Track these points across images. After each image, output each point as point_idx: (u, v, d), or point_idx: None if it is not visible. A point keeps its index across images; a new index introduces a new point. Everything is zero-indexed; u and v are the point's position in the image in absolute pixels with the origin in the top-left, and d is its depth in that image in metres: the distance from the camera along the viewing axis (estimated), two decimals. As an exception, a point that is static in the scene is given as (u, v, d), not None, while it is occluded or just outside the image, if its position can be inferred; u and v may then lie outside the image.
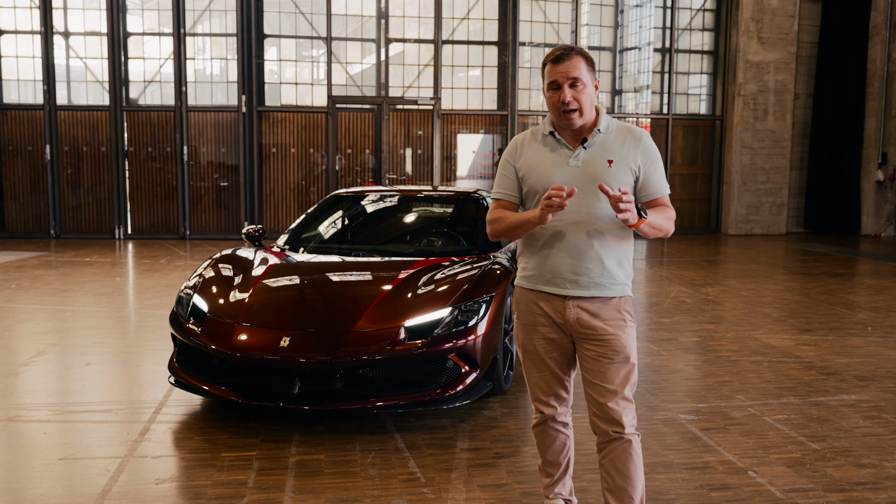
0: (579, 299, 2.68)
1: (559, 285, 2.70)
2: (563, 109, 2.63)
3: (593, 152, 2.68)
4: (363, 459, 3.70)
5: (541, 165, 2.71)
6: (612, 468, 2.71)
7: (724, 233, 14.85)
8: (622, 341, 2.69)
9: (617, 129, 2.72)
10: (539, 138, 2.77)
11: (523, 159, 2.77)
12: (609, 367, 2.68)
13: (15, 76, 13.31)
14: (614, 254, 2.67)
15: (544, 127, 2.77)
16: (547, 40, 14.46)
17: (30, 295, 7.89)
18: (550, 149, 2.72)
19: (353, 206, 6.03)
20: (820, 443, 3.97)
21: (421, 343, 4.01)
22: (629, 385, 2.70)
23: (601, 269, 2.66)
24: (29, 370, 5.20)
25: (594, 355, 2.70)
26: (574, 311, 2.69)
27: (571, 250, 2.66)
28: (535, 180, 2.70)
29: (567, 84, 2.61)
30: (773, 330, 6.56)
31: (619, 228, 2.66)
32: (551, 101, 2.67)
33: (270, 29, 13.63)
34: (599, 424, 2.72)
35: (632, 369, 2.71)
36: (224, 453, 3.77)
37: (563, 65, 2.62)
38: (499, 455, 3.77)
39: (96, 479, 3.46)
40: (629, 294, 2.75)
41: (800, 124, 14.95)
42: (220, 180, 13.50)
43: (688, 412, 4.42)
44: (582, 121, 2.67)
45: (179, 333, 4.33)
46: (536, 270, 2.75)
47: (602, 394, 2.69)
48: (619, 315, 2.70)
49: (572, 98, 2.62)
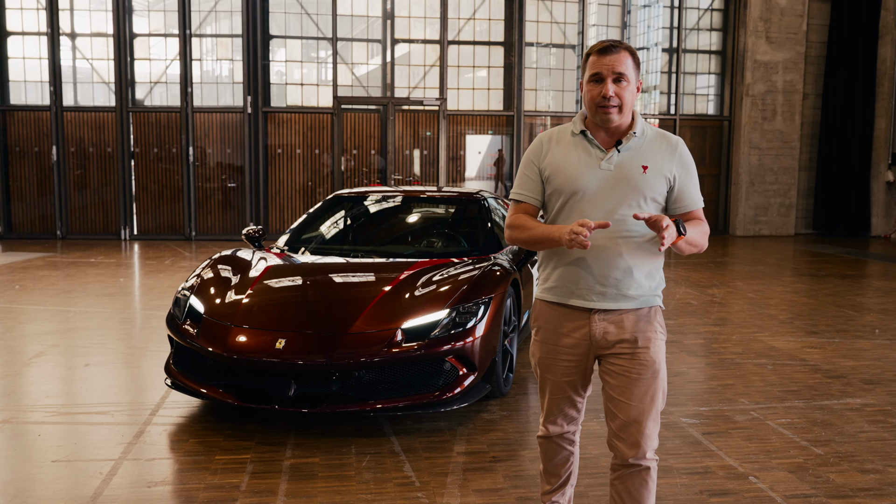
0: (606, 312, 2.52)
1: (585, 297, 2.52)
2: (601, 104, 2.46)
3: (627, 156, 2.51)
4: (358, 463, 3.66)
5: (569, 166, 2.53)
6: (625, 493, 2.57)
7: (731, 234, 14.75)
8: (652, 355, 2.52)
9: (652, 135, 2.57)
10: (568, 137, 2.59)
11: (549, 158, 2.57)
12: (637, 384, 2.51)
13: (22, 77, 13.35)
14: (644, 264, 2.51)
15: (575, 125, 2.58)
16: (553, 41, 14.41)
17: (33, 296, 7.89)
18: (581, 149, 2.54)
19: (354, 206, 5.99)
20: (823, 447, 3.90)
21: (418, 345, 3.96)
22: (657, 404, 2.54)
23: (630, 281, 2.50)
24: (28, 371, 5.18)
25: (620, 370, 2.53)
26: (600, 324, 2.53)
27: (599, 260, 2.49)
28: (562, 182, 2.52)
29: (611, 78, 2.45)
30: (778, 332, 6.48)
31: (650, 237, 2.49)
32: (590, 95, 2.49)
33: (276, 30, 13.63)
34: (619, 446, 2.56)
35: (661, 386, 2.55)
36: (218, 456, 3.73)
37: (610, 57, 2.45)
38: (496, 459, 3.72)
39: (88, 481, 3.43)
40: (660, 305, 2.60)
41: (808, 124, 14.84)
42: (228, 181, 13.50)
43: (689, 416, 4.36)
44: (619, 120, 2.50)
45: (176, 335, 4.30)
46: (560, 282, 2.57)
47: (626, 412, 2.53)
48: (649, 327, 2.54)
49: (615, 94, 2.45)
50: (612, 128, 2.53)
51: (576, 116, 2.63)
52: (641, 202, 2.49)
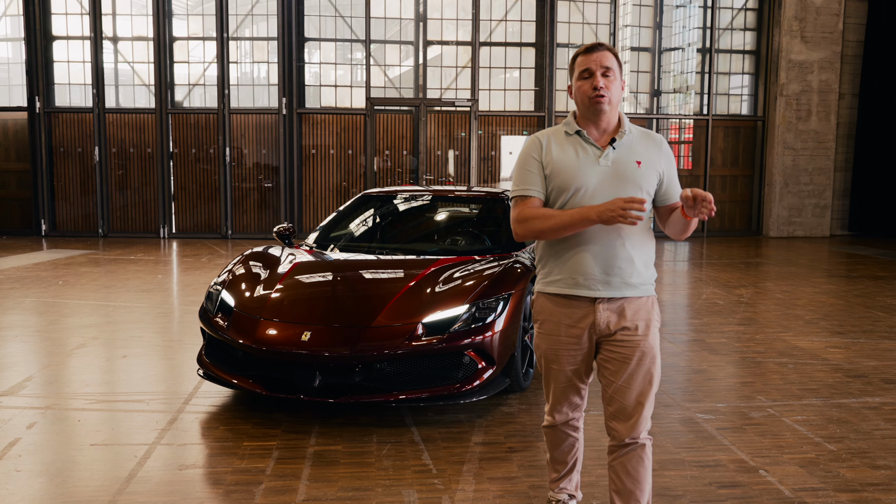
0: (610, 301, 2.66)
1: (590, 287, 2.66)
2: (593, 96, 2.62)
3: (621, 153, 2.68)
4: (379, 451, 3.81)
5: (570, 164, 2.67)
6: (623, 471, 2.72)
7: (765, 235, 14.64)
8: (650, 342, 2.68)
9: (638, 133, 2.75)
10: (562, 136, 2.74)
11: (551, 157, 2.71)
12: (637, 370, 2.67)
13: (66, 80, 13.79)
14: (643, 254, 2.68)
15: (568, 126, 2.73)
16: (585, 41, 14.44)
17: (75, 291, 8.20)
18: (578, 147, 2.69)
19: (381, 205, 6.15)
20: (837, 444, 3.95)
21: (438, 339, 4.10)
22: (654, 387, 2.70)
23: (632, 269, 2.65)
24: (70, 361, 5.43)
25: (620, 357, 2.67)
26: (605, 313, 2.67)
27: (603, 251, 2.63)
28: (564, 179, 2.65)
29: (600, 72, 2.63)
30: (803, 332, 6.49)
31: (645, 228, 2.69)
32: (582, 90, 2.66)
33: (311, 32, 13.88)
34: (616, 428, 2.72)
35: (657, 370, 2.70)
36: (246, 442, 3.91)
37: (597, 54, 2.64)
38: (511, 450, 3.84)
39: (124, 463, 3.63)
40: (654, 294, 2.76)
41: (844, 125, 14.66)
42: (265, 181, 13.79)
43: (706, 412, 4.43)
44: (610, 114, 2.67)
45: (208, 327, 4.50)
46: (564, 274, 2.70)
47: (624, 396, 2.68)
48: (648, 315, 2.69)
49: (605, 85, 2.62)
50: (604, 124, 2.70)
51: (567, 118, 2.79)
52: (639, 195, 2.63)
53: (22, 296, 7.87)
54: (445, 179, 14.06)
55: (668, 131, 15.25)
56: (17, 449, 3.79)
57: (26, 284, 8.54)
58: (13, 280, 8.84)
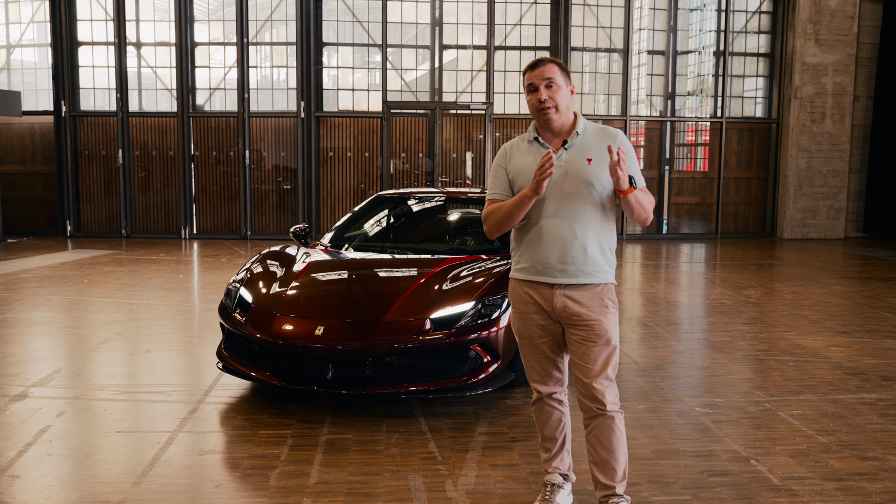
0: (566, 287, 2.95)
1: (548, 274, 2.96)
2: (539, 108, 2.93)
3: (574, 152, 2.95)
4: (388, 439, 4.01)
5: (528, 167, 2.98)
6: (596, 442, 2.98)
7: (779, 237, 14.70)
8: (604, 326, 2.95)
9: (594, 131, 3.01)
10: (524, 144, 3.07)
11: (512, 163, 3.05)
12: (592, 350, 2.95)
13: (91, 84, 14.15)
14: (597, 243, 2.94)
15: (529, 134, 3.06)
16: (599, 45, 14.59)
17: (100, 289, 8.48)
18: (535, 152, 3.00)
19: (393, 206, 6.36)
20: (829, 437, 4.10)
21: (444, 334, 4.30)
22: (611, 366, 2.97)
23: (585, 258, 2.93)
24: (96, 355, 5.68)
25: (579, 339, 2.97)
26: (561, 298, 2.96)
27: (558, 242, 2.93)
28: (524, 182, 2.96)
29: (543, 84, 2.92)
30: (807, 332, 6.62)
31: (601, 220, 2.95)
32: (531, 103, 2.97)
33: (329, 37, 14.14)
34: (585, 402, 3.00)
35: (613, 351, 2.97)
36: (262, 431, 4.13)
37: (539, 70, 2.94)
38: (514, 439, 4.03)
39: (148, 449, 3.86)
40: (612, 281, 3.01)
41: (859, 127, 14.70)
42: (284, 183, 14.06)
43: (703, 406, 4.59)
44: (559, 120, 2.96)
45: (227, 322, 4.72)
46: (528, 262, 3.02)
47: (586, 374, 2.96)
48: (601, 302, 2.96)
49: (548, 97, 2.91)
50: (556, 128, 2.98)
51: (529, 127, 3.09)
52: (592, 190, 2.91)
53: (49, 293, 8.16)
54: (462, 181, 14.27)
55: (683, 133, 15.36)
56: (48, 435, 4.03)
57: (53, 283, 8.84)
58: (40, 279, 9.15)
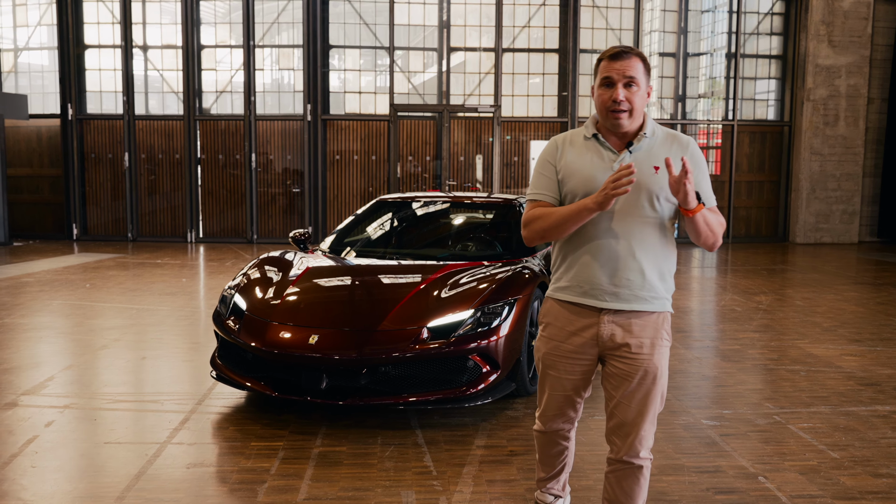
0: (616, 313, 2.57)
1: (597, 297, 2.57)
2: (612, 108, 2.53)
3: (639, 157, 2.56)
4: (382, 452, 3.88)
5: (583, 168, 2.58)
6: (618, 486, 2.69)
7: (791, 241, 14.49)
8: (655, 362, 2.58)
9: (663, 135, 2.62)
10: (581, 140, 2.65)
11: (564, 161, 2.63)
12: (637, 389, 2.59)
13: (98, 88, 14.12)
14: (656, 265, 2.56)
15: (587, 129, 2.65)
16: (609, 47, 14.40)
17: (101, 294, 8.40)
18: (594, 152, 2.60)
19: (395, 211, 6.24)
20: (840, 452, 3.94)
21: (442, 343, 4.16)
22: (654, 409, 2.62)
23: (642, 281, 2.54)
24: (91, 362, 5.59)
25: (622, 374, 2.60)
26: (609, 326, 2.57)
27: (612, 260, 2.53)
28: (577, 184, 2.56)
29: (622, 83, 2.52)
30: (819, 340, 6.45)
31: (662, 238, 2.57)
32: (601, 99, 2.56)
33: (336, 40, 14.05)
34: (615, 443, 2.67)
35: (660, 391, 2.62)
36: (254, 443, 4.01)
37: (621, 62, 2.51)
38: (513, 453, 3.89)
39: (135, 461, 3.75)
40: (669, 310, 2.62)
41: (874, 130, 14.48)
42: (293, 186, 13.97)
43: (711, 418, 4.44)
44: (629, 125, 2.56)
45: (220, 330, 4.61)
46: (573, 281, 2.62)
47: (624, 414, 2.61)
48: (656, 333, 2.59)
49: (625, 98, 2.51)
50: (623, 132, 2.59)
51: (587, 121, 2.69)
52: (655, 202, 2.53)
53: (50, 298, 8.09)
54: (470, 185, 14.14)
55: (694, 136, 15.17)
56: (34, 446, 3.93)
57: (55, 287, 8.77)
58: (43, 283, 9.09)
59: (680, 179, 2.37)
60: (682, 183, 2.37)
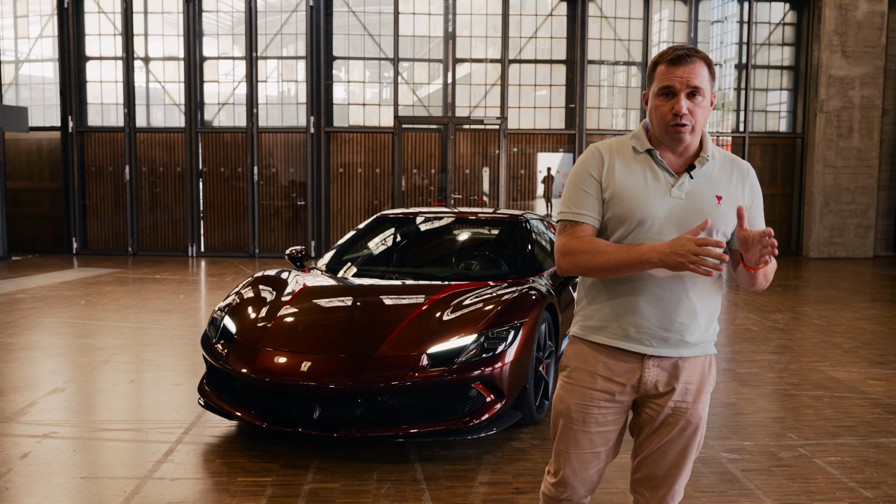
0: (662, 359, 2.22)
1: (643, 342, 2.20)
2: (673, 122, 2.12)
3: (700, 184, 2.18)
4: (377, 490, 3.60)
5: (637, 191, 2.16)
6: None
7: (805, 256, 14.17)
8: (699, 411, 2.26)
9: (721, 159, 2.24)
10: (630, 153, 2.22)
11: (613, 177, 2.19)
12: (676, 440, 2.27)
13: (99, 100, 13.94)
14: (709, 307, 2.23)
15: (639, 141, 2.22)
16: (617, 58, 14.19)
17: (96, 311, 8.16)
18: (648, 170, 2.19)
19: (396, 227, 5.98)
20: (873, 490, 3.64)
21: (443, 371, 3.89)
22: (691, 461, 2.31)
23: (694, 325, 2.20)
24: (76, 386, 5.33)
25: (662, 422, 2.27)
26: (654, 371, 2.22)
27: (663, 300, 2.17)
28: (627, 209, 2.15)
29: (685, 93, 2.11)
30: (841, 362, 6.14)
31: (716, 277, 2.22)
32: (659, 112, 2.14)
33: (339, 51, 13.85)
34: (644, 494, 2.36)
35: (699, 441, 2.31)
36: (241, 478, 3.73)
37: (684, 68, 2.10)
38: (518, 491, 3.61)
39: (111, 499, 3.48)
40: (714, 352, 2.30)
41: (889, 142, 14.18)
42: (298, 199, 13.74)
43: (731, 450, 4.15)
44: (691, 141, 2.17)
45: (209, 355, 4.35)
46: (612, 322, 2.23)
47: (658, 467, 2.30)
48: (703, 379, 2.27)
49: (689, 110, 2.11)
50: (681, 150, 2.20)
51: (635, 131, 2.27)
52: (714, 237, 2.15)
53: (42, 315, 7.85)
54: (476, 198, 13.89)
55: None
56: (5, 481, 3.67)
57: (48, 304, 8.54)
58: (37, 299, 8.85)
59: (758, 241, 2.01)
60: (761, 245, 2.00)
